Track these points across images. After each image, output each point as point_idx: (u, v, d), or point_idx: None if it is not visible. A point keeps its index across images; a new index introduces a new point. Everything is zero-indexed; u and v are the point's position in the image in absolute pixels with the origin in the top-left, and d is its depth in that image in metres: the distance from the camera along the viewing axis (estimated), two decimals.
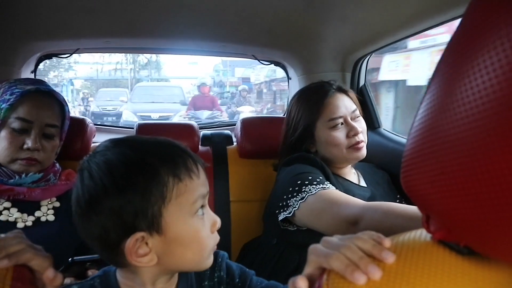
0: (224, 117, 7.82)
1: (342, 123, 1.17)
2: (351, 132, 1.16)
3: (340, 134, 1.16)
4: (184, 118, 7.78)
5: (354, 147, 1.16)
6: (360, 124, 1.19)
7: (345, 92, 1.23)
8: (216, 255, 0.76)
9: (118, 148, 0.63)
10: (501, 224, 0.33)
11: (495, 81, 0.31)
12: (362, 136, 1.18)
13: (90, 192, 0.59)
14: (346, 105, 1.19)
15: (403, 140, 1.44)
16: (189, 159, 0.64)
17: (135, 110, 9.11)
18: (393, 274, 0.38)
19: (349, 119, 1.17)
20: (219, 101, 9.60)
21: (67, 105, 1.18)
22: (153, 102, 9.74)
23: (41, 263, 0.57)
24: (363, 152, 1.18)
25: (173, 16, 1.41)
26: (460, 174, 0.34)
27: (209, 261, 0.67)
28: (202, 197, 0.64)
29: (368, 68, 1.67)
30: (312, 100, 1.21)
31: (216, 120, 6.26)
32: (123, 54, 17.83)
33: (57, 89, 1.17)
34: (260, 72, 14.14)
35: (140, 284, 0.65)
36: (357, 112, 1.21)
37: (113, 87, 15.69)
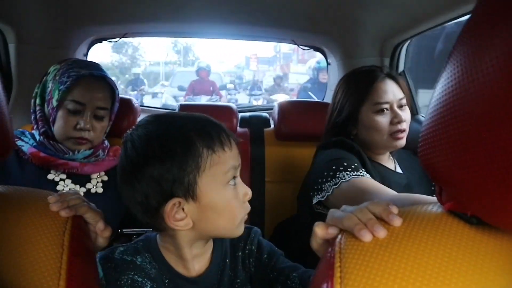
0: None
1: (387, 109, 1.16)
2: (395, 119, 1.15)
3: (383, 120, 1.15)
4: None
5: (395, 136, 1.15)
6: (405, 113, 1.17)
7: (394, 79, 1.20)
8: (250, 230, 0.82)
9: (158, 122, 0.69)
10: (509, 194, 0.35)
11: None
12: (405, 125, 1.16)
13: (133, 161, 0.66)
14: (394, 91, 1.17)
15: None
16: (223, 133, 0.69)
17: (175, 94, 9.26)
18: (400, 236, 0.42)
19: (395, 106, 1.16)
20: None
21: (117, 89, 1.26)
22: None
23: (94, 217, 0.65)
24: (403, 141, 1.17)
25: (215, 1, 1.46)
26: (472, 145, 0.36)
27: (240, 229, 0.72)
28: (234, 168, 0.69)
29: None
30: (360, 82, 1.20)
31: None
32: (177, 53, 20.64)
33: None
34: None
35: (178, 247, 0.72)
36: (404, 101, 1.18)
37: (163, 79, 16.96)
